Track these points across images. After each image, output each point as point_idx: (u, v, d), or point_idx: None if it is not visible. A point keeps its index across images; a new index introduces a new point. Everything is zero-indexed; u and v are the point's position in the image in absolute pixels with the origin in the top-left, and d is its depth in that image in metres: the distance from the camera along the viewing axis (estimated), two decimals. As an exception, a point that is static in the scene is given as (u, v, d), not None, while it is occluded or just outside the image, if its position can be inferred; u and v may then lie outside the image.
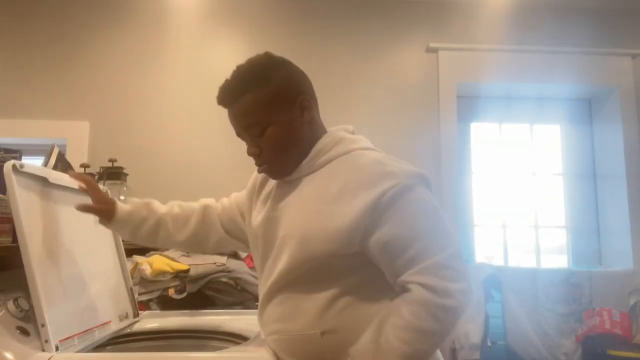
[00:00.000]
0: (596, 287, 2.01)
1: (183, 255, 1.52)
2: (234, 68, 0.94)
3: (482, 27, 2.41)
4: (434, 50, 2.36)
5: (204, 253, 1.48)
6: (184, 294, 1.40)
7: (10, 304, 0.87)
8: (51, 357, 0.83)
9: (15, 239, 0.88)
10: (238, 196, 1.11)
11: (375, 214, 0.82)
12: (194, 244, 1.11)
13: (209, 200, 1.12)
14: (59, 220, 1.02)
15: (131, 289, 1.24)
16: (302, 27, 2.32)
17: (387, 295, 0.86)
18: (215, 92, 0.93)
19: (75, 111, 2.21)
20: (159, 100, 2.25)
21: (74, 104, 2.22)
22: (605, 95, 2.45)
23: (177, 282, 1.42)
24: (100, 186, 1.20)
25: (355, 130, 0.99)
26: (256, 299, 1.42)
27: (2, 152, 1.09)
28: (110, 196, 1.13)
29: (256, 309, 0.99)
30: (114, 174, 1.89)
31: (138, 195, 1.96)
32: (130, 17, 2.29)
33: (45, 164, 1.39)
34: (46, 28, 2.25)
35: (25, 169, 0.92)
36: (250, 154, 0.94)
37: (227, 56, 2.26)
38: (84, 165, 1.83)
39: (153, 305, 1.39)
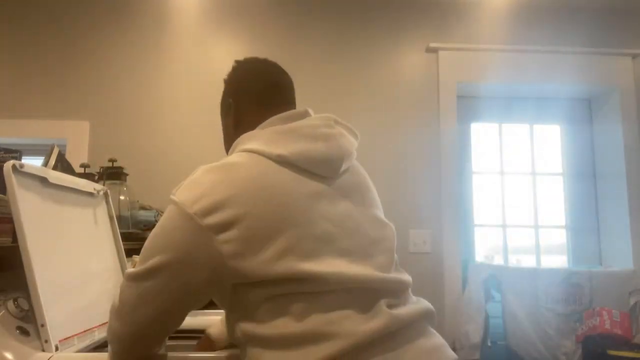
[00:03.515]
0: (596, 287, 2.00)
1: (183, 255, 1.51)
2: None
3: (482, 27, 2.41)
4: (434, 50, 2.36)
5: None
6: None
7: (10, 304, 0.87)
8: (51, 357, 0.83)
9: (15, 239, 0.88)
10: None
11: None
12: None
13: None
14: (59, 220, 1.02)
15: (131, 289, 1.24)
16: (302, 28, 2.32)
17: None
18: (215, 92, 0.95)
19: (75, 111, 2.21)
20: (159, 100, 2.25)
21: (74, 104, 2.22)
22: (605, 95, 2.45)
23: (177, 282, 1.41)
24: (100, 186, 1.20)
25: (310, 110, 0.92)
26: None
27: (2, 152, 1.09)
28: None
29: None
30: (114, 174, 1.88)
31: (138, 195, 1.96)
32: (130, 17, 2.29)
33: (45, 164, 1.39)
34: (46, 28, 2.26)
35: (25, 169, 0.92)
36: None
37: (226, 57, 2.25)
38: (84, 165, 1.83)
39: (153, 305, 1.39)
